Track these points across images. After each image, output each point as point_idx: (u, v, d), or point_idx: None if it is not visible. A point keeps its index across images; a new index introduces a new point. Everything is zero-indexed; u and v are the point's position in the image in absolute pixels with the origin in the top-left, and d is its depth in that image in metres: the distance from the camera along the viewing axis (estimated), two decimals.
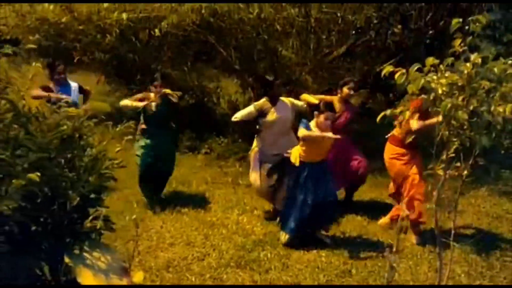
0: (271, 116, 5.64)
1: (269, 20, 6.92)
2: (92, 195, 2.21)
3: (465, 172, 3.18)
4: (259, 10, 6.47)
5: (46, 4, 7.70)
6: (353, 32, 7.57)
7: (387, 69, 3.11)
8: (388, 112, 3.20)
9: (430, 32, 7.51)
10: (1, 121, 2.19)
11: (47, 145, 2.13)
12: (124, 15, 6.74)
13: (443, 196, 3.30)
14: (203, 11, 6.48)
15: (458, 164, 3.18)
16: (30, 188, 1.97)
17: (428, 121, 4.78)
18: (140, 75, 9.13)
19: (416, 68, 2.95)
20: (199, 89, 9.46)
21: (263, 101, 5.73)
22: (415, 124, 4.92)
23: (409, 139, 4.70)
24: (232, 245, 5.23)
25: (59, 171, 2.12)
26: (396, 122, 5.26)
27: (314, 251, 5.11)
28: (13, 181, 1.96)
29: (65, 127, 2.25)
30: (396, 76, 3.04)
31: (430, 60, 2.99)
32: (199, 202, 6.46)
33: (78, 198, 2.07)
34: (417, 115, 4.90)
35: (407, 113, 3.13)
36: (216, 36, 8.43)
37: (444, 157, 3.13)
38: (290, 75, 7.82)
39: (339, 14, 6.89)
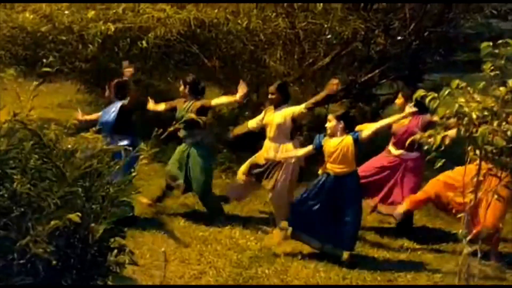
0: None
1: (256, 31, 6.87)
2: (114, 226, 2.10)
3: None
4: (248, 21, 6.41)
5: (27, 13, 7.47)
6: (339, 42, 7.59)
7: (419, 93, 3.07)
8: (417, 136, 3.17)
9: (415, 43, 7.59)
10: (17, 148, 2.06)
11: (74, 179, 2.02)
12: (112, 26, 6.57)
13: None
14: (191, 22, 6.38)
15: None
16: (59, 225, 1.86)
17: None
18: None
19: (447, 91, 2.88)
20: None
21: None
22: None
23: None
24: (228, 262, 5.15)
25: (81, 203, 2.01)
26: None
27: (312, 266, 5.07)
28: (52, 222, 1.85)
29: (94, 161, 2.14)
30: (428, 100, 2.97)
31: (455, 83, 2.95)
32: (188, 215, 6.35)
33: (101, 231, 1.97)
34: None
35: (438, 137, 3.07)
36: (200, 46, 8.37)
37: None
38: None
39: (326, 26, 6.89)
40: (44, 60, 8.45)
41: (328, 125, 5.24)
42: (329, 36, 7.01)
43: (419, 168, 5.77)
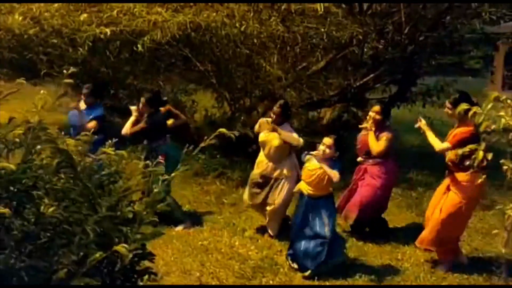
0: None
1: (253, 35, 6.78)
2: (140, 247, 1.97)
3: None
4: (245, 25, 6.31)
5: (16, 16, 7.25)
6: (335, 47, 7.54)
7: (462, 107, 2.97)
8: (459, 151, 3.06)
9: (410, 47, 7.57)
10: (38, 164, 1.92)
11: (105, 200, 1.89)
12: (107, 29, 6.40)
13: None
14: (188, 25, 6.24)
15: None
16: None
17: None
18: (113, 89, 8.78)
19: (490, 105, 2.77)
20: (174, 103, 9.19)
21: None
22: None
23: None
24: (231, 272, 5.03)
25: (110, 225, 1.88)
26: None
27: (316, 276, 4.98)
28: (97, 254, 1.71)
29: (118, 179, 2.00)
30: (470, 114, 2.85)
31: (494, 95, 2.84)
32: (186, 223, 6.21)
33: (131, 255, 1.83)
34: None
35: (481, 153, 2.95)
36: (191, 49, 8.24)
37: None
38: (271, 89, 7.71)
39: (323, 30, 6.83)
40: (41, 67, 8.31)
41: (322, 148, 4.96)
42: (326, 41, 6.92)
43: (381, 174, 5.79)
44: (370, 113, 5.93)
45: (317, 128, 8.87)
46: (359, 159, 5.95)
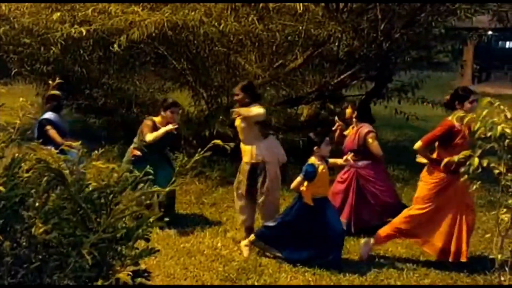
0: None
1: (231, 33, 6.72)
2: (139, 268, 1.90)
3: None
4: (223, 24, 6.24)
5: None
6: (312, 44, 7.53)
7: (458, 114, 2.95)
8: (455, 159, 3.03)
9: (386, 44, 7.62)
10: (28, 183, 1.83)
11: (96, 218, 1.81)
12: (82, 28, 6.24)
13: None
14: (165, 24, 6.14)
15: None
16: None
17: None
18: (87, 88, 8.59)
19: (485, 112, 2.75)
20: (150, 101, 9.06)
21: None
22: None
23: None
24: (215, 275, 4.98)
25: (106, 245, 1.80)
26: None
27: (301, 276, 4.98)
28: (99, 282, 1.63)
29: (108, 194, 1.92)
30: (466, 120, 2.83)
31: (486, 100, 2.83)
32: (166, 224, 6.13)
33: (129, 275, 1.76)
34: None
35: (476, 160, 2.92)
36: (167, 47, 8.13)
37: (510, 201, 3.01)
38: None
39: (300, 28, 6.81)
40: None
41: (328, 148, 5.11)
42: (303, 38, 6.91)
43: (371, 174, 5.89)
44: (347, 114, 6.09)
45: (296, 125, 8.88)
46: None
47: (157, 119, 6.01)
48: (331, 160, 5.25)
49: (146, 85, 9.02)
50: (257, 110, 5.41)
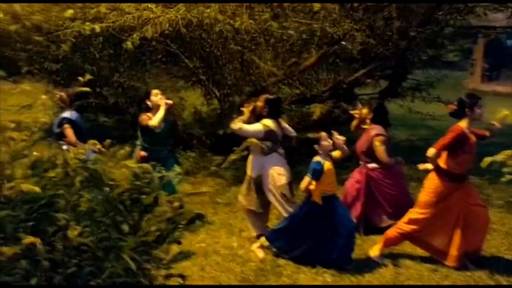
0: None
1: (246, 32, 6.62)
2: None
3: None
4: (239, 21, 6.14)
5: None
6: (327, 42, 7.43)
7: (503, 113, 2.86)
8: (498, 158, 2.93)
9: (402, 42, 7.50)
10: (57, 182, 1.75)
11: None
12: (96, 25, 6.15)
13: None
14: (179, 22, 6.04)
15: None
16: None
17: None
18: (98, 87, 8.51)
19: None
20: None
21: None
22: None
23: None
24: (233, 276, 4.90)
25: (143, 249, 1.71)
26: None
27: (320, 277, 4.89)
28: None
29: (142, 195, 1.83)
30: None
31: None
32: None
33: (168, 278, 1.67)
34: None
35: None
36: (180, 45, 8.05)
37: None
38: (264, 85, 7.58)
39: (316, 26, 6.70)
40: None
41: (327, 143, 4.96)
42: (319, 37, 6.81)
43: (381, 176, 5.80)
44: (360, 114, 5.98)
45: (308, 124, 8.78)
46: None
47: (150, 114, 5.77)
48: (334, 153, 5.12)
49: (157, 84, 8.93)
50: (252, 127, 5.25)
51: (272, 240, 5.24)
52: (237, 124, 5.27)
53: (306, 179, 4.90)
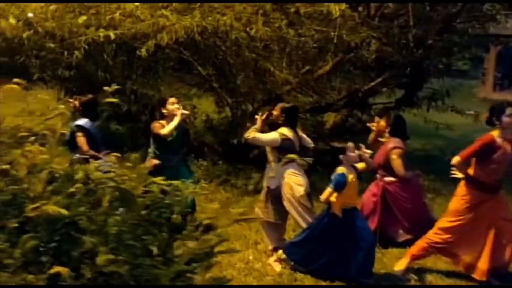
0: None
1: (261, 39, 6.51)
2: None
3: None
4: (255, 29, 6.03)
5: (11, 19, 6.90)
6: (343, 50, 7.31)
7: None
8: None
9: (419, 51, 7.37)
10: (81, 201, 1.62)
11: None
12: (111, 33, 6.07)
13: None
14: (195, 29, 5.95)
15: None
16: None
17: None
18: (110, 94, 8.40)
19: None
20: None
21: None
22: None
23: None
24: None
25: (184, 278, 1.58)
26: None
27: None
28: None
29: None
30: None
31: None
32: None
33: None
34: None
35: None
36: (193, 52, 7.96)
37: None
38: (278, 93, 7.46)
39: (333, 33, 6.58)
40: None
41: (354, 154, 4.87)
42: (335, 44, 6.69)
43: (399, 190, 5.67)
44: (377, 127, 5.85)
45: (322, 133, 8.64)
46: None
47: (164, 121, 5.72)
48: (359, 165, 5.00)
49: (170, 91, 8.83)
50: (266, 136, 5.20)
51: (289, 253, 5.11)
52: (251, 133, 5.17)
53: (328, 190, 4.76)
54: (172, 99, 5.70)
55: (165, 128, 5.47)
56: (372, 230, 5.59)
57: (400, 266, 5.11)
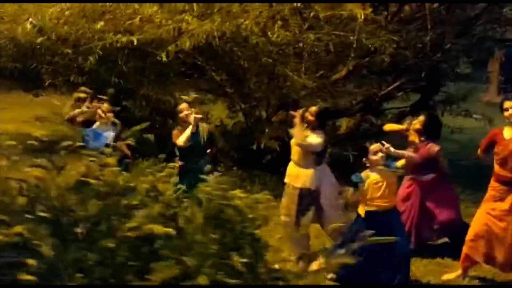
0: None
1: (280, 44, 6.46)
2: None
3: None
4: (276, 34, 5.98)
5: (27, 25, 6.84)
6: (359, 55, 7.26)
7: None
8: None
9: (437, 55, 7.32)
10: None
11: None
12: (134, 38, 6.01)
13: None
14: (215, 34, 5.88)
15: None
16: None
17: None
18: (124, 100, 8.35)
19: None
20: None
21: None
22: None
23: None
24: None
25: None
26: None
27: None
28: None
29: None
30: None
31: None
32: None
33: None
34: None
35: None
36: (208, 58, 7.90)
37: None
38: (295, 98, 7.40)
39: (352, 38, 6.53)
40: None
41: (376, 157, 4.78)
42: (354, 49, 6.64)
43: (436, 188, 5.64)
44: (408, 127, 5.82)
45: (336, 138, 8.58)
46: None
47: (182, 128, 5.76)
48: (399, 163, 4.94)
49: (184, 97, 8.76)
50: (316, 140, 5.22)
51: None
52: (305, 140, 5.17)
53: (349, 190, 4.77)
54: (182, 106, 5.70)
55: (181, 137, 5.60)
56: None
57: (449, 277, 5.15)
